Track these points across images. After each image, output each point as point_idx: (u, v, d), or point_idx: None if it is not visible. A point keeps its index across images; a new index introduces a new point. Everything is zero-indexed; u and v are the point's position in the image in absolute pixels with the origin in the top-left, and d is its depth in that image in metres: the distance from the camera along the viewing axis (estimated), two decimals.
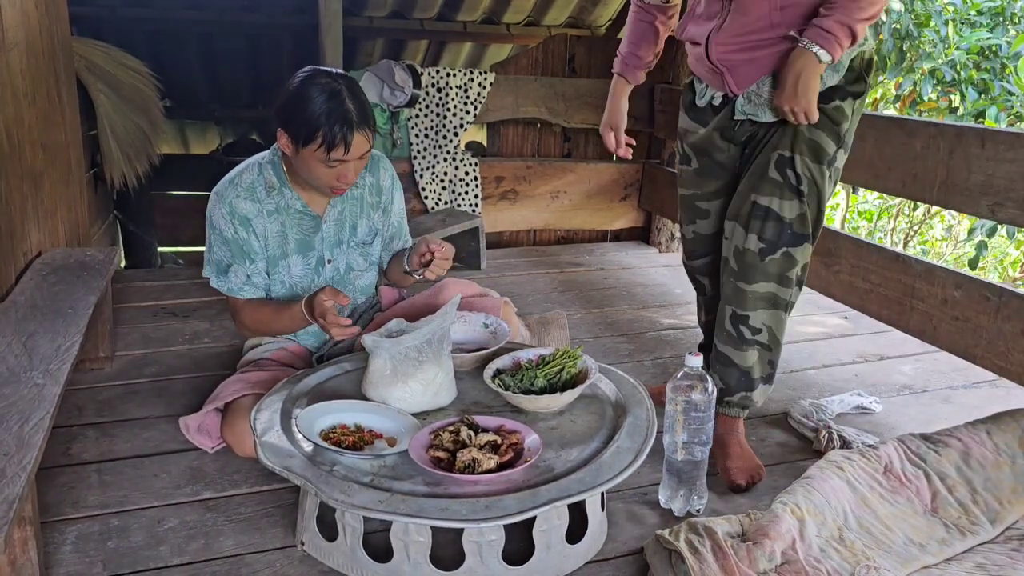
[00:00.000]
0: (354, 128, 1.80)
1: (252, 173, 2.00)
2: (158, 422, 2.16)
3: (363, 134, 1.83)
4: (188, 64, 5.00)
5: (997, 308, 2.19)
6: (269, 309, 2.02)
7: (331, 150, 1.80)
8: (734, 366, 1.94)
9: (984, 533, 1.65)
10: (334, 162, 1.83)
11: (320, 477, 1.46)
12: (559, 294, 3.34)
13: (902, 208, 5.93)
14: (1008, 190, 2.14)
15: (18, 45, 2.20)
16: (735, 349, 1.93)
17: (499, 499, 1.41)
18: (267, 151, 2.04)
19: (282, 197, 2.00)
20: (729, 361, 1.94)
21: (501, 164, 4.02)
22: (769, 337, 1.91)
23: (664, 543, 1.54)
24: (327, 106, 1.78)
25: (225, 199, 1.97)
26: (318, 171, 1.86)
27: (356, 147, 1.83)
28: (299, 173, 1.94)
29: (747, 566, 1.45)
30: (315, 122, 1.78)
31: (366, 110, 1.85)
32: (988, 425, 1.86)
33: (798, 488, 1.66)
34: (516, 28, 4.98)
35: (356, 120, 1.80)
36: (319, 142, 1.79)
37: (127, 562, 1.60)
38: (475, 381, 1.87)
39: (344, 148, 1.81)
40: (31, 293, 2.05)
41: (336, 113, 1.78)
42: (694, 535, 1.52)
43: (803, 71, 1.70)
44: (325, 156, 1.81)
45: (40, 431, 1.39)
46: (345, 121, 1.79)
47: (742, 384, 1.95)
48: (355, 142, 1.81)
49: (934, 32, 5.07)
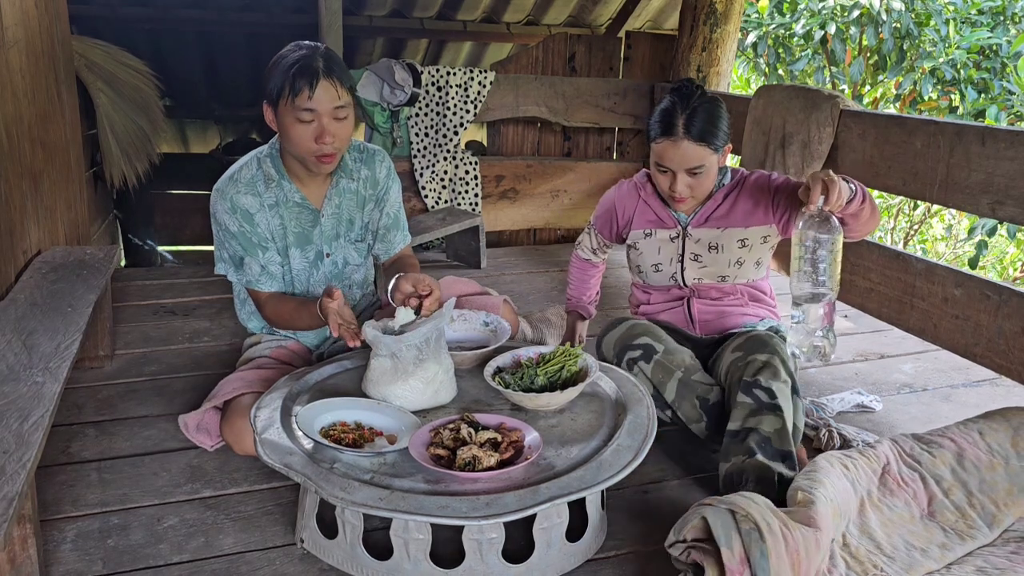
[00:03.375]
0: (319, 75, 1.83)
1: (251, 168, 2.01)
2: (158, 420, 2.16)
3: (330, 82, 1.85)
4: (188, 63, 5.00)
5: (997, 306, 2.19)
6: (290, 306, 2.02)
7: (296, 95, 1.82)
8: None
9: (982, 537, 1.64)
10: (305, 112, 1.84)
11: (320, 474, 1.46)
12: (559, 293, 3.34)
13: (902, 207, 5.93)
14: (1008, 188, 2.13)
15: (18, 43, 2.20)
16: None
17: (499, 497, 1.41)
18: (265, 145, 2.05)
19: (281, 190, 2.01)
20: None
21: (501, 163, 4.01)
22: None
23: (739, 514, 1.41)
24: (294, 59, 1.84)
25: (226, 195, 1.98)
26: (296, 132, 1.87)
27: (323, 92, 1.84)
28: (286, 147, 1.94)
29: (807, 559, 1.40)
30: (283, 74, 1.84)
31: (336, 66, 1.87)
32: (980, 425, 1.85)
33: (823, 478, 1.59)
34: (516, 27, 4.98)
35: (322, 69, 1.84)
36: (286, 90, 1.83)
37: (127, 560, 1.60)
38: (475, 379, 1.87)
39: (309, 90, 1.82)
40: (31, 291, 2.05)
41: (302, 63, 1.83)
42: (764, 513, 1.43)
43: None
44: (295, 104, 1.83)
45: (40, 429, 1.39)
46: (310, 69, 1.83)
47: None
48: (321, 87, 1.83)
49: (934, 31, 5.07)
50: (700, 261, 2.09)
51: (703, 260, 2.08)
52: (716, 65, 3.81)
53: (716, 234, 2.06)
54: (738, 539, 1.38)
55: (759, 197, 2.03)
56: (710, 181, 1.98)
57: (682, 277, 2.12)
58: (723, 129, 1.94)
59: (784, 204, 1.99)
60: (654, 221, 2.13)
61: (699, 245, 2.08)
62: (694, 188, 1.97)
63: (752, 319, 2.11)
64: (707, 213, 2.06)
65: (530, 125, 4.12)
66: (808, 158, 2.86)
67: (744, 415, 1.79)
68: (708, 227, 2.06)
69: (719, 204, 2.05)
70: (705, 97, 1.94)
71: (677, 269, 2.12)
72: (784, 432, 1.76)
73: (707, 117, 1.91)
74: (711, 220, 2.06)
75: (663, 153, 1.94)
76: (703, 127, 1.90)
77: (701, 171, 1.94)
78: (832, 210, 1.68)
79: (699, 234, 2.07)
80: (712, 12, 3.69)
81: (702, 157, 1.92)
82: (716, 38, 3.74)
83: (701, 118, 1.90)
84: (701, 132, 1.90)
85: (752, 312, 2.12)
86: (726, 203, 2.05)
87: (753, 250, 2.06)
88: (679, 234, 2.10)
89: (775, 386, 1.79)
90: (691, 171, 1.94)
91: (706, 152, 1.92)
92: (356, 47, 5.04)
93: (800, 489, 1.55)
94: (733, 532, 1.39)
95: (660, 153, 1.95)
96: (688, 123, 1.90)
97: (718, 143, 1.93)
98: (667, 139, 1.92)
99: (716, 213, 2.05)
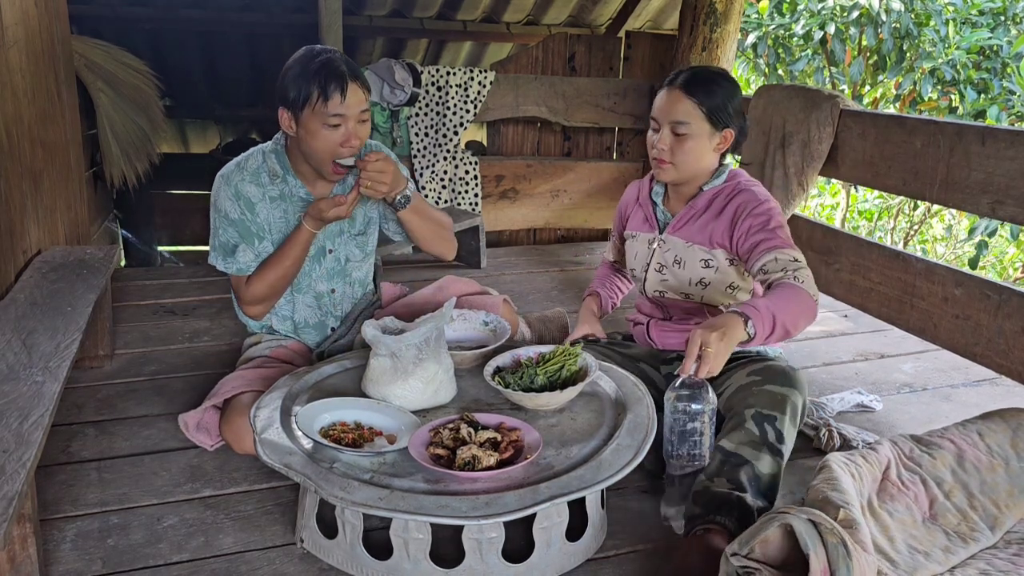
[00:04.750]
0: (347, 78, 1.84)
1: (257, 159, 2.03)
2: (158, 420, 2.16)
3: (357, 86, 1.87)
4: (188, 63, 5.00)
5: (997, 306, 2.19)
6: (271, 260, 2.03)
7: (328, 100, 1.83)
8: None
9: (985, 539, 1.64)
10: (334, 117, 1.85)
11: (320, 474, 1.46)
12: (559, 292, 3.34)
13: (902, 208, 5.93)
14: (1008, 188, 2.13)
15: (17, 43, 2.20)
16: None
17: (499, 496, 1.40)
18: (270, 141, 2.06)
19: (286, 184, 2.02)
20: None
21: (501, 163, 4.01)
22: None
23: (824, 526, 1.36)
24: (319, 64, 1.84)
25: (231, 182, 1.99)
26: (322, 137, 1.88)
27: (352, 96, 1.86)
28: (303, 152, 1.95)
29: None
30: (310, 80, 1.83)
31: (357, 70, 1.89)
32: (979, 425, 1.84)
33: (848, 488, 1.55)
34: (516, 27, 4.98)
35: (348, 72, 1.85)
36: (316, 96, 1.83)
37: (127, 560, 1.59)
38: (475, 379, 1.87)
39: (341, 95, 1.84)
40: (31, 291, 2.05)
41: (328, 67, 1.84)
42: (844, 528, 1.40)
43: (728, 329, 1.60)
44: (324, 110, 1.84)
45: (39, 428, 1.39)
46: (337, 73, 1.84)
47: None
48: (351, 91, 1.85)
49: (934, 31, 5.07)
50: (663, 273, 2.02)
51: (665, 273, 2.01)
52: (716, 64, 3.81)
53: (682, 248, 1.98)
54: (823, 551, 1.33)
55: (731, 221, 1.91)
56: (695, 156, 1.89)
57: (643, 286, 2.07)
58: (723, 100, 1.87)
59: (746, 248, 1.87)
60: (640, 222, 2.10)
61: (667, 255, 2.00)
62: (675, 152, 1.88)
63: None
64: (685, 218, 1.98)
65: (530, 125, 4.12)
66: (808, 158, 2.86)
67: (745, 442, 1.65)
68: (679, 236, 1.99)
69: (699, 212, 1.96)
70: (723, 74, 1.91)
71: (642, 277, 2.07)
72: (777, 478, 1.65)
73: (709, 81, 1.87)
74: (684, 229, 1.98)
75: (656, 104, 1.91)
76: (701, 86, 1.86)
77: (686, 132, 1.86)
78: (706, 378, 1.58)
79: (671, 243, 2.00)
80: (712, 12, 3.69)
81: (690, 114, 1.85)
82: (716, 38, 3.74)
83: (703, 79, 1.87)
84: (697, 89, 1.86)
85: None
86: (707, 214, 1.95)
87: (720, 272, 1.94)
88: (654, 239, 2.04)
89: (787, 431, 1.67)
90: (676, 128, 1.87)
91: (696, 112, 1.85)
92: (356, 47, 5.04)
93: (831, 503, 1.49)
94: (818, 543, 1.34)
95: (654, 105, 1.92)
96: (689, 78, 1.87)
97: (713, 109, 1.85)
98: (664, 88, 1.91)
99: (691, 223, 1.97)
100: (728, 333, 1.58)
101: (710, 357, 1.56)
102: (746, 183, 1.97)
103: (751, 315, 1.62)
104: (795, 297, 1.69)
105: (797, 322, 1.69)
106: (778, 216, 1.88)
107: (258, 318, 2.14)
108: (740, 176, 1.99)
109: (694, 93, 1.86)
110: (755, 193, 1.93)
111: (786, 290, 1.71)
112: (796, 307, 1.68)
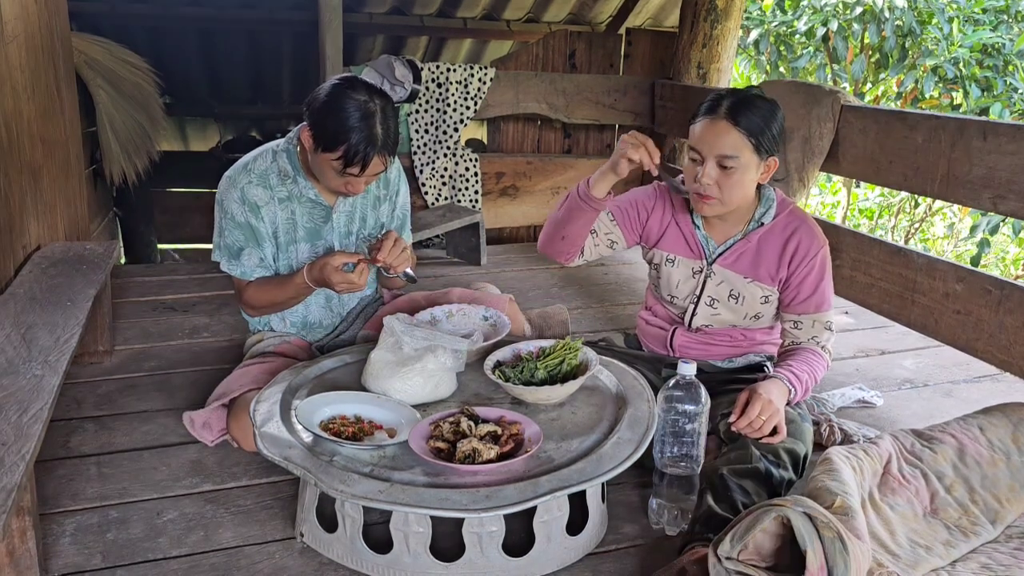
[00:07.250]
0: (376, 151, 1.82)
1: (266, 160, 2.01)
2: (157, 415, 2.15)
3: (382, 157, 1.86)
4: (188, 60, 5.00)
5: (999, 301, 2.18)
6: (273, 283, 2.03)
7: (348, 166, 1.83)
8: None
9: (986, 533, 1.63)
10: (347, 175, 1.86)
11: (320, 467, 1.45)
12: (559, 289, 3.34)
13: (903, 206, 5.93)
14: (1010, 183, 2.13)
15: (17, 39, 2.20)
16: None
17: (499, 489, 1.40)
18: (282, 139, 2.04)
19: (295, 185, 2.01)
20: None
21: (501, 160, 4.01)
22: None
23: (820, 520, 1.36)
24: (358, 124, 1.79)
25: (237, 184, 1.99)
26: (329, 174, 1.89)
27: (372, 168, 1.85)
28: (312, 166, 1.96)
29: (862, 572, 1.37)
30: (342, 136, 1.80)
31: (393, 135, 1.86)
32: (980, 420, 1.84)
33: (848, 479, 1.56)
34: (516, 24, 4.97)
35: (380, 144, 1.82)
36: (339, 155, 1.82)
37: (126, 554, 1.59)
38: (475, 373, 1.87)
39: (361, 168, 1.83)
40: (30, 286, 2.05)
41: (363, 133, 1.80)
42: (841, 521, 1.40)
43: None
44: (340, 168, 1.84)
45: (39, 421, 1.39)
46: (370, 142, 1.81)
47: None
48: (372, 163, 1.84)
49: (937, 29, 5.06)
50: (714, 308, 1.96)
51: (718, 308, 1.95)
52: (717, 62, 3.81)
53: (741, 283, 1.92)
54: (820, 546, 1.32)
55: (788, 261, 1.88)
56: (742, 190, 1.80)
57: (690, 319, 2.00)
58: (771, 130, 1.77)
59: (789, 293, 1.90)
60: (681, 246, 1.97)
61: (720, 289, 1.94)
62: (722, 187, 1.78)
63: (735, 355, 2.04)
64: (738, 251, 1.90)
65: (530, 122, 4.11)
66: (809, 153, 2.85)
67: (749, 475, 1.64)
68: (735, 270, 1.91)
69: (754, 246, 1.89)
70: (762, 96, 1.80)
71: (690, 309, 1.99)
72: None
73: (756, 110, 1.75)
74: (740, 262, 1.91)
75: (699, 134, 1.79)
76: (748, 116, 1.75)
77: (733, 165, 1.76)
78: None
79: (724, 275, 1.93)
80: (712, 8, 3.69)
81: (738, 147, 1.75)
82: (717, 34, 3.74)
83: (749, 107, 1.75)
84: (744, 119, 1.74)
85: (740, 351, 2.03)
86: (764, 247, 1.89)
87: (772, 306, 1.94)
88: (702, 269, 1.95)
89: (788, 476, 1.68)
90: (722, 161, 1.76)
91: (744, 143, 1.75)
92: (356, 44, 5.04)
93: (829, 491, 1.49)
94: (815, 538, 1.33)
95: (696, 135, 1.79)
96: (733, 107, 1.75)
97: (761, 141, 1.76)
98: (707, 118, 1.78)
99: (745, 256, 1.90)
100: (777, 401, 1.74)
101: (761, 423, 1.70)
102: (800, 215, 1.92)
103: (796, 387, 1.80)
104: (820, 365, 1.89)
105: (816, 384, 1.89)
106: (828, 264, 1.93)
107: (259, 315, 2.15)
108: (789, 204, 1.93)
109: (741, 123, 1.75)
110: (814, 233, 1.90)
111: (815, 358, 1.88)
112: (820, 374, 1.89)
